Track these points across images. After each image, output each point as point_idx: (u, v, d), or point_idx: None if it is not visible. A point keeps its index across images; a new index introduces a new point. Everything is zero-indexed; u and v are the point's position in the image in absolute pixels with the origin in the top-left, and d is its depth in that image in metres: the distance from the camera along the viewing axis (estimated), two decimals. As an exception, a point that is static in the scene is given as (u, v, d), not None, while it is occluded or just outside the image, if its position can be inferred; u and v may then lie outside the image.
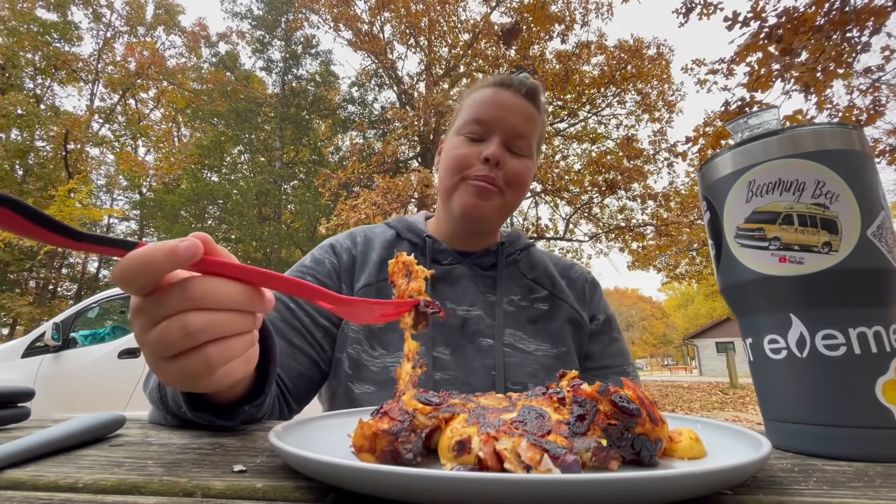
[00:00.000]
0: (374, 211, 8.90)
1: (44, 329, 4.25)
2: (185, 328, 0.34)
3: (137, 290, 0.34)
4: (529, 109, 0.81)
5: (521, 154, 0.81)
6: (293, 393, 0.74)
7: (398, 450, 0.30)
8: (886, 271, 0.37)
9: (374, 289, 0.79)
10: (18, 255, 14.06)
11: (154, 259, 0.32)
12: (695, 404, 9.79)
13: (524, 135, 0.80)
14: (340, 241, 0.87)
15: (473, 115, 0.80)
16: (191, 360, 0.35)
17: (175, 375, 0.36)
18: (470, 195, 0.78)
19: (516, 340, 0.78)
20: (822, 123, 0.41)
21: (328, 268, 0.82)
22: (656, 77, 12.07)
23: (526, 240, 0.93)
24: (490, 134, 0.79)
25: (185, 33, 20.83)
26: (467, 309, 0.79)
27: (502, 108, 0.79)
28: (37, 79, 16.80)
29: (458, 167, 0.79)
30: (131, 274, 0.32)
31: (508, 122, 0.79)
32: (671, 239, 10.63)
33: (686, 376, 28.01)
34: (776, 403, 0.41)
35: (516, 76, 0.84)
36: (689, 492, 0.23)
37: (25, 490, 0.29)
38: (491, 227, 0.84)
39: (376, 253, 0.83)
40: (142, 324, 0.35)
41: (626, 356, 0.88)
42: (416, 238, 0.85)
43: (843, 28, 3.80)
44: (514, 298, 0.83)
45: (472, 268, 0.84)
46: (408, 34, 12.99)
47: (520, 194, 0.82)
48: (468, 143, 0.80)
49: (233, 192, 16.83)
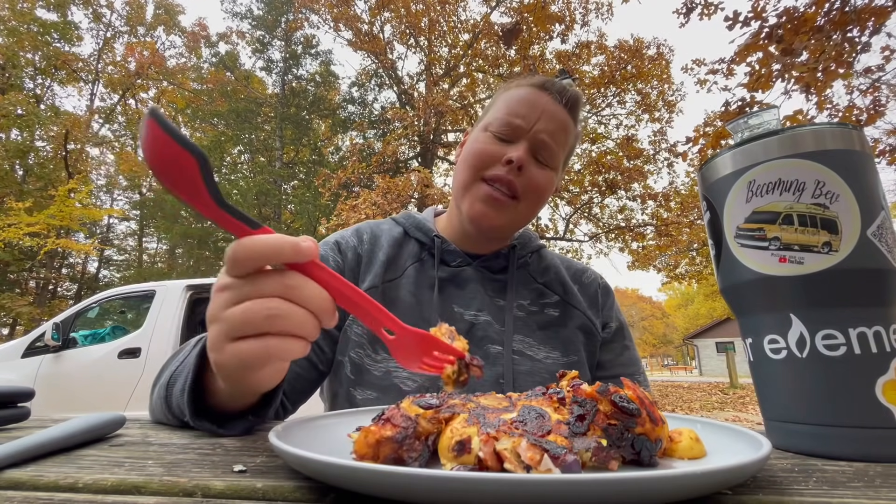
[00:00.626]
0: (374, 211, 8.90)
1: (44, 329, 4.25)
2: (269, 310, 0.36)
3: (244, 271, 0.36)
4: (566, 119, 0.77)
5: (546, 164, 0.76)
6: (289, 394, 0.73)
7: (402, 457, 0.30)
8: (886, 271, 0.37)
9: (379, 291, 0.76)
10: (18, 255, 14.06)
11: (281, 248, 0.35)
12: (695, 404, 9.80)
13: (554, 144, 0.76)
14: (346, 237, 0.83)
15: (506, 113, 0.75)
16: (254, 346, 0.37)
17: (231, 357, 0.38)
18: (482, 203, 0.74)
19: (525, 347, 0.76)
20: (822, 123, 0.41)
21: (332, 266, 0.79)
22: (656, 77, 12.07)
23: (538, 241, 0.90)
24: (519, 137, 0.75)
25: (185, 33, 20.84)
26: (475, 314, 0.77)
27: (538, 111, 0.75)
28: (37, 79, 16.81)
29: (479, 164, 0.75)
30: (254, 254, 0.35)
31: (540, 127, 0.75)
32: (671, 239, 10.64)
33: (686, 376, 28.00)
34: (776, 403, 0.41)
35: (559, 80, 0.80)
36: (689, 492, 0.23)
37: (25, 490, 0.29)
38: (502, 236, 0.81)
39: (383, 252, 0.80)
40: (227, 299, 0.37)
41: (638, 364, 0.85)
42: (424, 237, 0.82)
43: (844, 28, 3.80)
44: (523, 303, 0.80)
45: (481, 271, 0.81)
46: (408, 34, 12.99)
47: (536, 206, 0.78)
48: (494, 140, 0.76)
49: (233, 192, 16.84)
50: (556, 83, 0.79)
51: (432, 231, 0.82)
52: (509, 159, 0.72)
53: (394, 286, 0.78)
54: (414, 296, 0.77)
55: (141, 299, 4.76)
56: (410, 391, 0.71)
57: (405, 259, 0.81)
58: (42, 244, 11.52)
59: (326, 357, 0.77)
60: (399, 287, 0.77)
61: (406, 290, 0.77)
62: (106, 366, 4.11)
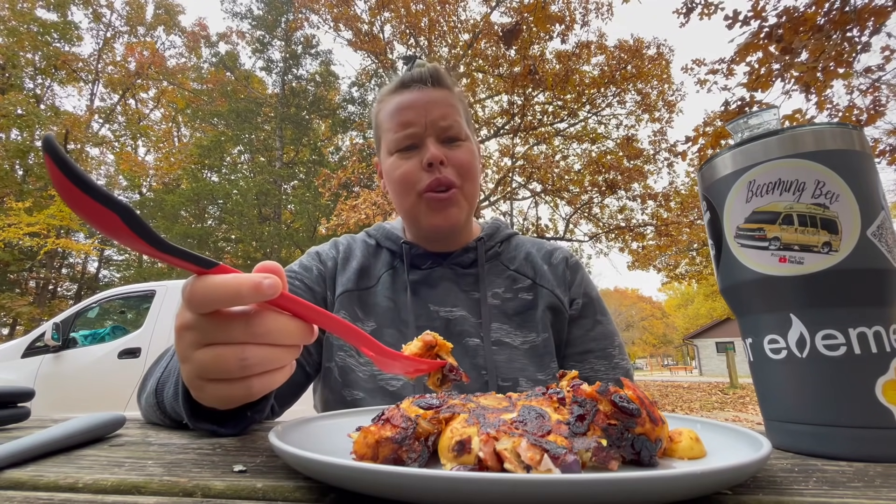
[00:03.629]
0: (374, 211, 8.90)
1: (44, 329, 4.25)
2: (243, 360, 0.35)
3: (203, 310, 0.34)
4: (441, 95, 0.78)
5: (458, 139, 0.77)
6: (278, 396, 0.74)
7: (402, 458, 0.30)
8: (886, 271, 0.37)
9: (355, 295, 0.80)
10: (18, 255, 14.06)
11: (239, 291, 0.33)
12: (695, 404, 9.79)
13: (450, 122, 0.76)
14: (325, 249, 0.88)
15: (395, 130, 0.77)
16: (234, 388, 0.36)
17: (213, 396, 0.37)
18: (432, 213, 0.76)
19: (503, 335, 0.77)
20: (822, 123, 0.41)
21: (316, 274, 0.83)
22: (656, 77, 12.06)
23: (507, 230, 0.91)
24: (419, 138, 0.76)
25: (185, 33, 20.81)
26: (450, 310, 0.78)
27: (417, 107, 0.76)
28: (37, 79, 16.80)
29: (407, 186, 0.76)
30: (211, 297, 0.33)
31: (430, 119, 0.75)
32: (671, 239, 10.64)
33: (686, 376, 28.00)
34: (776, 403, 0.41)
35: (409, 70, 0.81)
36: (689, 492, 0.23)
37: (25, 490, 0.29)
38: (463, 227, 0.82)
39: (357, 261, 0.84)
40: (193, 340, 0.36)
41: (612, 338, 0.83)
42: (394, 245, 0.85)
43: (844, 28, 3.80)
44: (497, 292, 0.82)
45: (452, 268, 0.82)
46: (408, 34, 12.98)
47: (475, 180, 0.79)
48: (404, 157, 0.77)
49: (233, 192, 16.84)
50: (412, 74, 0.79)
51: (401, 238, 0.85)
52: (428, 162, 0.73)
53: (370, 293, 0.81)
54: (390, 300, 0.80)
55: (141, 299, 4.76)
56: (396, 390, 0.73)
57: (378, 268, 0.84)
58: (42, 244, 11.52)
59: (314, 360, 0.79)
60: (375, 294, 0.81)
61: (382, 296, 0.80)
62: (106, 366, 4.11)
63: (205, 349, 0.35)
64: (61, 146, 0.24)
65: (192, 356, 0.36)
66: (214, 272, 0.33)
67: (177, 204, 16.39)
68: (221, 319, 0.35)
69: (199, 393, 0.38)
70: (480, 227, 0.91)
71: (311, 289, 0.81)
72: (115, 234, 0.28)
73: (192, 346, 0.36)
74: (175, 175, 17.58)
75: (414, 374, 0.45)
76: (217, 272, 0.34)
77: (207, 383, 0.37)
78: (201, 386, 0.37)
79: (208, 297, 0.33)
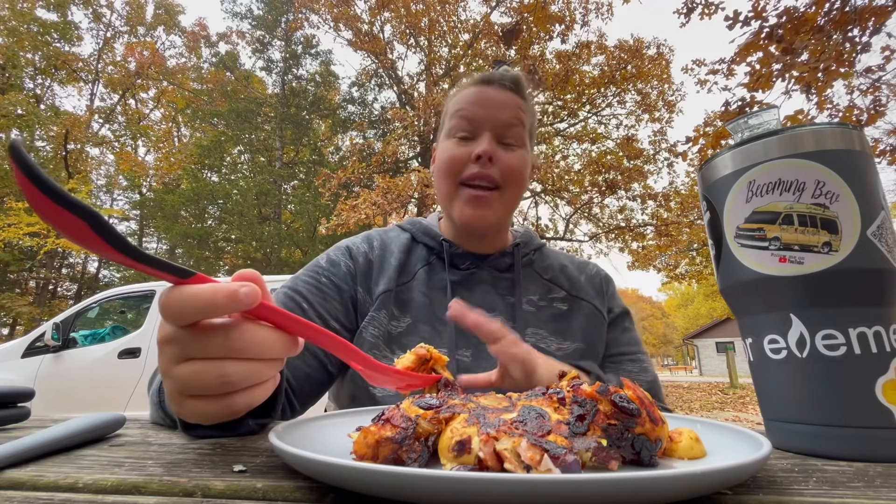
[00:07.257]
0: (375, 211, 8.90)
1: (44, 329, 4.25)
2: (223, 377, 0.33)
3: (179, 322, 0.33)
4: (515, 100, 0.80)
5: (514, 145, 0.79)
6: (298, 394, 0.73)
7: (402, 458, 0.30)
8: (886, 271, 0.37)
9: (393, 294, 0.79)
10: (18, 255, 14.06)
11: (214, 302, 0.31)
12: (695, 404, 9.79)
13: (514, 126, 0.79)
14: (357, 243, 0.86)
15: (460, 116, 0.79)
16: (214, 405, 0.35)
17: (193, 412, 0.36)
18: (468, 206, 0.77)
19: (538, 340, 0.78)
20: (823, 123, 0.41)
21: (344, 271, 0.80)
22: (656, 77, 12.07)
23: (538, 240, 0.93)
24: (480, 131, 0.78)
25: (185, 33, 20.82)
26: (487, 312, 0.79)
27: (488, 104, 0.78)
28: (37, 79, 16.80)
29: (452, 170, 0.78)
30: (185, 308, 0.32)
31: (497, 117, 0.78)
32: (671, 239, 10.64)
33: (686, 376, 27.97)
34: (776, 403, 0.41)
35: (496, 70, 0.83)
36: (689, 492, 0.23)
37: (25, 490, 0.29)
38: (497, 229, 0.84)
39: (395, 257, 0.83)
40: (173, 354, 0.34)
41: (639, 344, 0.89)
42: (433, 242, 0.85)
43: (844, 28, 3.80)
44: (532, 298, 0.83)
45: (489, 271, 0.83)
46: (408, 34, 12.99)
47: (519, 188, 0.80)
48: (459, 143, 0.78)
49: (233, 192, 16.83)
50: (495, 73, 0.82)
51: (440, 235, 0.85)
52: (478, 155, 0.75)
53: (406, 289, 0.80)
54: (426, 296, 0.79)
55: (141, 299, 4.77)
56: None
57: (414, 263, 0.84)
58: (42, 244, 11.51)
59: (337, 359, 0.77)
60: (411, 289, 0.80)
61: (418, 291, 0.80)
62: (106, 366, 4.12)
63: (184, 364, 0.34)
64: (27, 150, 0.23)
65: (172, 371, 0.35)
66: (191, 282, 0.32)
67: (177, 204, 16.38)
68: (200, 333, 0.33)
69: (179, 409, 0.37)
70: (514, 233, 0.93)
71: (338, 287, 0.79)
72: (85, 241, 0.27)
73: (173, 361, 0.35)
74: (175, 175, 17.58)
75: (406, 389, 0.45)
76: (194, 282, 0.32)
77: (187, 399, 0.36)
78: (181, 402, 0.36)
79: (182, 307, 0.32)
